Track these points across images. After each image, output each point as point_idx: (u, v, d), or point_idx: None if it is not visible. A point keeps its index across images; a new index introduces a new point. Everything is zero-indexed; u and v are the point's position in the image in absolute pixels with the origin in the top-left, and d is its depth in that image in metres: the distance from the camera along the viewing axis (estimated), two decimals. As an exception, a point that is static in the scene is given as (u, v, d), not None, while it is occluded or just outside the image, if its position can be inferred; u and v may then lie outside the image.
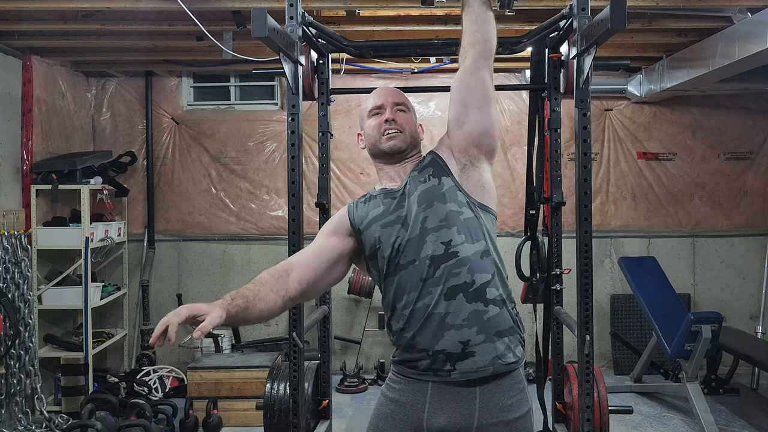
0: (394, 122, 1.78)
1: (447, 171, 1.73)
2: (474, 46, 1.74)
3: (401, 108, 1.83)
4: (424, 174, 1.73)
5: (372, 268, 1.76)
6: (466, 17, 1.78)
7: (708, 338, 3.94)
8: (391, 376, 1.77)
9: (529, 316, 5.22)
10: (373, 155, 1.83)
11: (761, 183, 5.37)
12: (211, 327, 1.42)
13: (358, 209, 1.78)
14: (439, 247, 1.64)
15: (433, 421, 1.65)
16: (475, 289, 1.63)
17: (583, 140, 2.57)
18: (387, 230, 1.70)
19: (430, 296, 1.63)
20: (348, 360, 5.26)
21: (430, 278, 1.64)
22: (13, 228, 4.16)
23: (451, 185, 1.71)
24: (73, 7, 3.49)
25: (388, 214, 1.72)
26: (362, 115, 1.87)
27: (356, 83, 5.22)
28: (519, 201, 5.13)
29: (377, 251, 1.71)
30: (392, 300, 1.70)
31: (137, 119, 5.38)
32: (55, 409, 4.35)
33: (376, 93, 1.87)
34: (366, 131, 1.83)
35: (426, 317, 1.63)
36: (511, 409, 1.65)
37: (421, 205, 1.68)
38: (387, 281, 1.71)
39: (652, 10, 3.60)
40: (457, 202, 1.69)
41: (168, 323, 1.40)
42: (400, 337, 1.69)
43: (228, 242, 5.38)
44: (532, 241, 3.39)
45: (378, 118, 1.80)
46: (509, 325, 1.67)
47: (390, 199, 1.74)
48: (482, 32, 1.75)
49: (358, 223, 1.75)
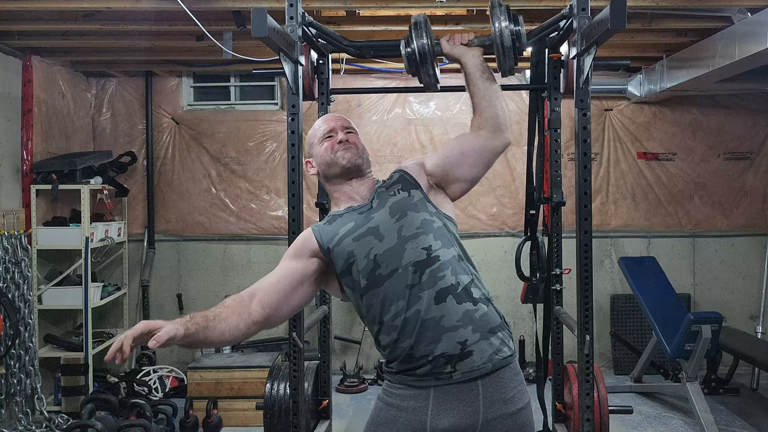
0: (347, 142, 1.83)
1: (416, 185, 1.80)
2: (488, 121, 1.84)
3: (350, 131, 1.89)
4: (393, 189, 1.79)
5: (346, 286, 1.75)
6: (474, 96, 1.87)
7: (708, 338, 3.94)
8: (388, 384, 1.74)
9: (529, 316, 5.23)
10: (329, 177, 1.85)
11: (761, 183, 5.37)
12: (167, 337, 1.44)
13: (323, 230, 1.77)
14: (421, 253, 1.67)
15: (437, 423, 1.64)
16: (462, 290, 1.66)
17: (583, 140, 2.57)
18: (359, 242, 1.71)
19: (420, 302, 1.63)
20: (348, 360, 5.26)
21: (416, 284, 1.65)
22: (13, 228, 4.16)
23: (420, 197, 1.78)
24: (73, 7, 3.49)
25: (358, 227, 1.73)
26: (311, 142, 1.90)
27: (356, 83, 5.22)
28: (519, 201, 5.12)
29: (351, 265, 1.71)
30: (379, 314, 1.68)
31: (137, 119, 5.38)
32: (55, 409, 4.35)
33: (323, 119, 1.93)
34: (318, 156, 1.86)
35: (420, 324, 1.63)
36: (513, 401, 1.67)
37: (395, 216, 1.72)
38: (369, 294, 1.69)
39: (652, 10, 3.60)
40: (428, 212, 1.75)
41: (123, 338, 1.43)
42: (395, 349, 1.67)
43: (228, 242, 5.38)
44: (532, 241, 3.39)
45: (330, 140, 1.85)
46: (498, 321, 1.71)
47: (357, 214, 1.77)
48: (492, 107, 1.85)
49: (327, 241, 1.74)
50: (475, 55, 1.91)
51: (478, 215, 5.29)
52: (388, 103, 5.35)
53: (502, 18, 1.93)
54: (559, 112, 3.30)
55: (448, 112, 5.34)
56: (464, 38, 1.93)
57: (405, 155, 5.27)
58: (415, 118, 5.37)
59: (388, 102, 5.35)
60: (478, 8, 3.63)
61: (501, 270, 5.18)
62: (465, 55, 1.91)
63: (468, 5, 3.54)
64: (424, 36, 1.96)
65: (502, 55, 1.95)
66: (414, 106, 5.37)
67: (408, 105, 5.37)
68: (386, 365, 1.74)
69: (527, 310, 5.19)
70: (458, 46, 1.93)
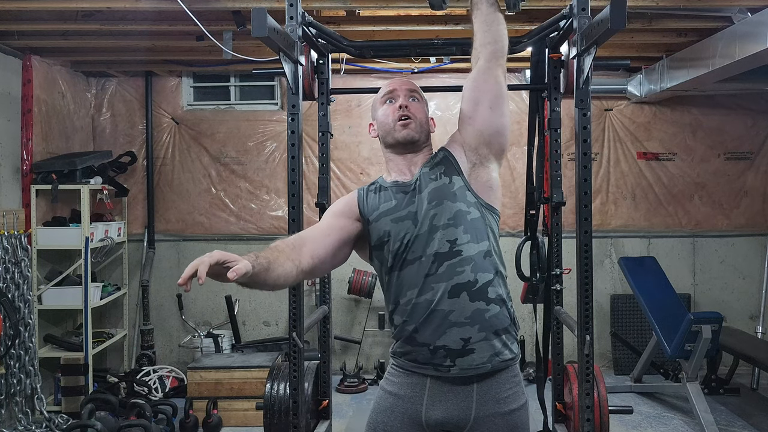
0: (407, 108, 1.78)
1: (458, 170, 1.74)
2: (486, 47, 1.78)
3: (414, 96, 1.83)
4: (436, 171, 1.74)
5: (375, 258, 1.77)
6: (476, 19, 1.82)
7: (708, 338, 3.94)
8: (390, 370, 1.79)
9: (529, 316, 5.22)
10: (386, 144, 1.82)
11: (761, 183, 5.37)
12: (245, 270, 1.39)
13: (369, 198, 1.78)
14: (445, 245, 1.66)
15: (431, 414, 1.68)
16: (477, 288, 1.65)
17: (583, 140, 2.57)
18: (397, 225, 1.71)
19: (432, 292, 1.65)
20: (348, 360, 5.26)
21: (432, 274, 1.65)
22: (13, 228, 4.16)
23: (461, 185, 1.72)
24: (73, 7, 3.49)
25: (399, 209, 1.73)
26: (374, 104, 1.88)
27: (356, 83, 5.22)
28: (519, 201, 5.13)
29: (385, 244, 1.72)
30: (396, 295, 1.71)
31: (137, 119, 5.38)
32: (55, 409, 4.35)
33: (391, 81, 1.89)
34: (379, 119, 1.83)
35: (429, 313, 1.65)
36: (507, 401, 1.68)
37: (432, 203, 1.70)
38: (392, 275, 1.72)
39: (652, 10, 3.60)
40: (466, 202, 1.70)
41: (199, 263, 1.35)
42: (401, 330, 1.71)
43: (228, 242, 5.38)
44: (532, 241, 3.39)
45: (391, 105, 1.81)
46: (507, 323, 1.70)
47: (402, 193, 1.75)
48: (492, 32, 1.79)
49: (369, 213, 1.76)
50: None
51: (478, 215, 5.28)
52: (388, 103, 5.34)
53: None
54: (559, 112, 3.30)
55: (448, 112, 5.34)
56: None
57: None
58: (415, 118, 5.35)
59: (388, 102, 5.34)
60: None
61: (501, 270, 5.16)
62: None
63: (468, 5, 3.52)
64: None
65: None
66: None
67: (408, 105, 5.35)
68: (393, 346, 1.78)
69: (527, 310, 5.19)
70: None
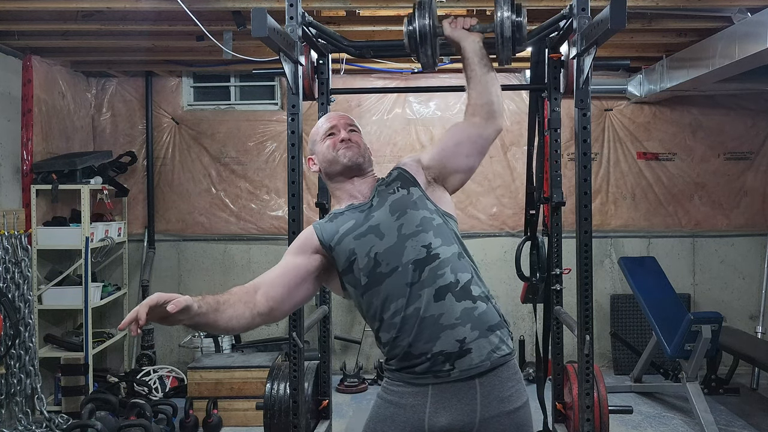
0: (349, 141, 1.83)
1: (414, 182, 1.80)
2: (483, 107, 1.83)
3: (353, 128, 1.89)
4: (393, 186, 1.79)
5: (348, 284, 1.76)
6: (470, 81, 1.87)
7: (708, 338, 3.94)
8: (387, 381, 1.76)
9: (529, 316, 5.22)
10: (330, 174, 1.85)
11: (761, 183, 5.37)
12: (185, 303, 1.45)
13: (325, 228, 1.78)
14: (421, 251, 1.67)
15: (436, 421, 1.66)
16: (461, 288, 1.66)
17: (583, 140, 2.57)
18: (360, 241, 1.72)
19: (419, 300, 1.65)
20: (348, 360, 5.26)
21: (416, 282, 1.66)
22: (13, 228, 4.16)
23: (419, 194, 1.78)
24: (73, 7, 3.49)
25: (359, 226, 1.74)
26: (314, 140, 1.90)
27: (356, 83, 5.23)
28: (519, 201, 5.12)
29: (352, 263, 1.72)
30: (379, 311, 1.69)
31: (137, 119, 5.38)
32: (55, 409, 4.35)
33: (327, 117, 1.93)
34: (321, 153, 1.86)
35: (419, 322, 1.64)
36: (511, 400, 1.67)
37: (394, 214, 1.73)
38: (370, 292, 1.70)
39: (652, 10, 3.60)
40: (428, 209, 1.75)
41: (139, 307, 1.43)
42: (394, 347, 1.69)
43: (228, 242, 5.38)
44: (532, 241, 3.39)
45: (333, 138, 1.85)
46: (498, 319, 1.71)
47: (358, 212, 1.77)
48: (488, 94, 1.84)
49: (329, 239, 1.75)
50: (474, 41, 1.91)
51: (478, 215, 5.29)
52: (388, 103, 5.36)
53: (505, 8, 1.96)
54: (559, 112, 3.30)
55: (448, 112, 5.34)
56: (466, 23, 1.94)
57: (405, 155, 5.22)
58: (415, 118, 5.37)
59: (388, 102, 5.35)
60: (478, 8, 3.63)
61: (501, 270, 5.17)
62: (465, 39, 1.91)
63: (468, 5, 3.54)
64: (426, 17, 1.99)
65: (502, 45, 1.98)
66: (414, 106, 5.37)
67: (408, 105, 5.37)
68: (386, 363, 1.76)
69: (527, 310, 5.19)
70: (459, 30, 1.94)
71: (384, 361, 1.77)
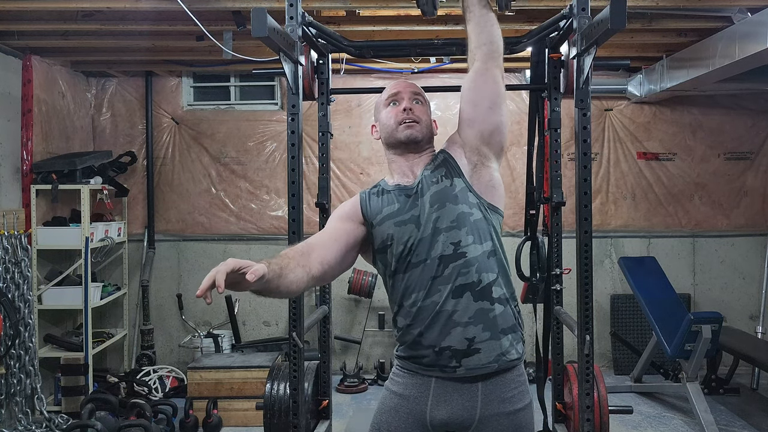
0: (411, 111, 1.79)
1: (459, 172, 1.74)
2: (481, 48, 1.77)
3: (418, 99, 1.84)
4: (437, 174, 1.74)
5: (379, 261, 1.78)
6: (469, 22, 1.81)
7: (708, 338, 3.94)
8: (394, 370, 1.79)
9: (529, 316, 5.21)
10: (388, 145, 1.83)
11: (761, 183, 5.37)
12: (262, 272, 1.38)
13: (371, 202, 1.78)
14: (449, 248, 1.67)
15: (436, 413, 1.68)
16: (481, 288, 1.66)
17: (583, 140, 2.57)
18: (401, 229, 1.71)
19: (438, 294, 1.65)
20: (348, 360, 5.26)
21: (439, 276, 1.66)
22: (13, 228, 4.16)
23: (462, 186, 1.73)
24: (73, 7, 3.49)
25: (402, 212, 1.73)
26: (377, 106, 1.88)
27: (356, 83, 5.22)
28: (519, 201, 5.12)
29: (388, 247, 1.73)
30: (400, 297, 1.72)
31: (137, 119, 5.38)
32: (55, 409, 4.35)
33: (394, 83, 1.88)
34: (382, 120, 1.84)
35: (434, 315, 1.65)
36: (512, 401, 1.68)
37: (434, 206, 1.70)
38: (396, 277, 1.73)
39: (652, 10, 3.60)
40: (468, 204, 1.71)
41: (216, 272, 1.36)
42: (406, 333, 1.71)
43: (228, 242, 5.38)
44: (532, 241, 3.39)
45: (395, 107, 1.82)
46: (512, 322, 1.70)
47: (404, 197, 1.75)
48: (486, 33, 1.78)
49: (372, 216, 1.76)
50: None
51: (478, 215, 5.28)
52: (388, 103, 5.34)
53: None
54: (559, 112, 3.29)
55: (449, 112, 5.34)
56: None
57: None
58: (415, 118, 5.35)
59: (388, 102, 5.34)
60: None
61: (501, 270, 5.16)
62: None
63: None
64: None
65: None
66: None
67: (408, 105, 5.35)
68: (397, 349, 1.78)
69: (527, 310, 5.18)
70: None
71: (395, 349, 1.80)
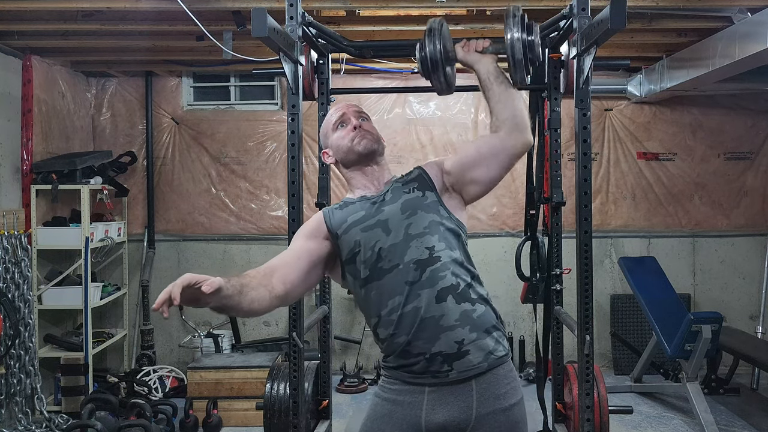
0: (361, 128, 1.84)
1: (431, 186, 1.80)
2: (505, 123, 1.80)
3: (363, 117, 1.89)
4: (410, 186, 1.80)
5: (348, 274, 1.77)
6: (490, 100, 1.83)
7: (708, 338, 3.94)
8: (384, 380, 1.77)
9: (529, 316, 5.22)
10: (346, 163, 1.86)
11: (761, 183, 5.37)
12: (218, 284, 1.42)
13: (334, 215, 1.80)
14: (424, 252, 1.68)
15: (432, 418, 1.67)
16: (461, 291, 1.68)
17: (583, 140, 2.57)
18: (367, 234, 1.72)
19: (419, 299, 1.65)
20: (348, 360, 5.26)
21: (416, 282, 1.66)
22: (13, 228, 4.16)
23: (434, 199, 1.78)
24: (73, 7, 3.49)
25: (368, 218, 1.75)
26: (326, 132, 1.91)
27: (356, 83, 5.22)
28: (519, 201, 5.12)
29: (357, 254, 1.73)
30: (376, 307, 1.70)
31: (137, 119, 5.38)
32: (55, 409, 4.35)
33: (335, 108, 1.93)
34: (334, 143, 1.87)
35: (419, 322, 1.65)
36: (506, 397, 1.69)
37: (405, 213, 1.74)
38: (368, 286, 1.72)
39: (652, 10, 3.60)
40: (439, 215, 1.76)
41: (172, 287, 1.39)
42: (391, 344, 1.70)
43: (228, 242, 5.38)
44: (532, 241, 3.39)
45: (344, 128, 1.86)
46: (494, 321, 1.73)
47: (370, 204, 1.78)
48: (510, 109, 1.80)
49: (336, 227, 1.77)
50: (488, 62, 1.87)
51: (478, 215, 5.29)
52: (388, 103, 5.36)
53: (514, 29, 1.87)
54: (559, 112, 3.30)
55: (448, 112, 5.34)
56: (479, 45, 1.90)
57: (405, 155, 5.27)
58: (415, 118, 5.37)
59: (388, 102, 5.35)
60: (478, 8, 3.63)
61: (501, 270, 5.17)
62: (479, 62, 1.88)
63: (468, 5, 3.54)
64: (436, 42, 1.91)
65: (513, 67, 1.91)
66: (414, 106, 5.37)
67: (408, 105, 5.37)
68: (383, 360, 1.77)
69: (527, 310, 5.19)
70: (472, 54, 1.90)
71: (382, 359, 1.78)
